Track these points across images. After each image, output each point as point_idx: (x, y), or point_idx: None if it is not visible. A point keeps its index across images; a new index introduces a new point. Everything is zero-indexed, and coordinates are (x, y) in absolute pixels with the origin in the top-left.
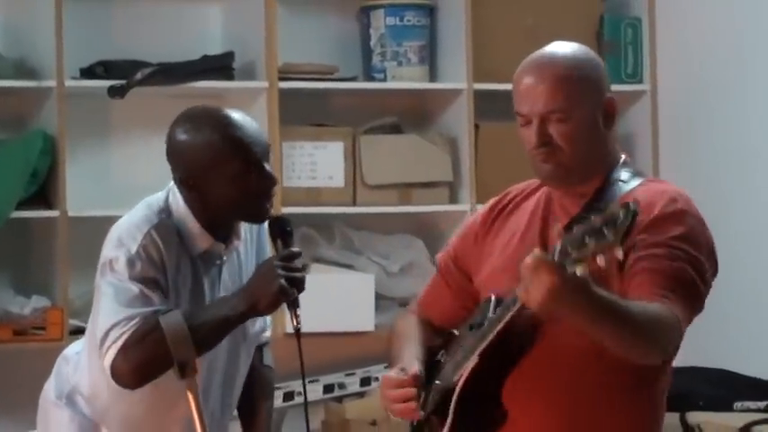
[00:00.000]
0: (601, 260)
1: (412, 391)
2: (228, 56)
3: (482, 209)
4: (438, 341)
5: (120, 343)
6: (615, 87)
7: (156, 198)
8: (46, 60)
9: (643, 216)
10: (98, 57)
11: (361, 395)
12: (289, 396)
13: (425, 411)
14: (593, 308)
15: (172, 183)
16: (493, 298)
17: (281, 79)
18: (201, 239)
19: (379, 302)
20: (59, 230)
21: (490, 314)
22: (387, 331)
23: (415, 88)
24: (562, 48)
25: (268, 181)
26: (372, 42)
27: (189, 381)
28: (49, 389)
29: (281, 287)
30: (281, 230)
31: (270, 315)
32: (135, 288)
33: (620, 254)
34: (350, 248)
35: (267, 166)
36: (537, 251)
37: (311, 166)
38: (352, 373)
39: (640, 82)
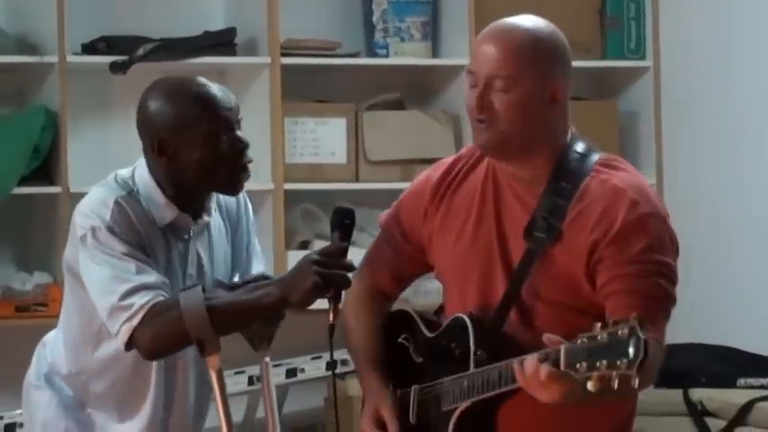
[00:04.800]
0: (614, 383)
1: None
2: (230, 31)
3: (430, 179)
4: (388, 306)
5: (140, 315)
6: (618, 63)
7: (120, 174)
8: (48, 36)
9: (604, 227)
10: (100, 32)
11: None
12: (291, 373)
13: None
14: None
15: (139, 159)
16: (468, 322)
17: (284, 55)
18: (167, 210)
19: None
20: (61, 206)
21: (471, 348)
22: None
23: (417, 64)
24: (528, 20)
25: (239, 143)
26: (375, 18)
27: (211, 359)
28: (30, 373)
29: (314, 284)
30: (339, 222)
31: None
32: (129, 257)
33: (636, 383)
34: None
35: (238, 130)
36: (547, 368)
37: (313, 142)
38: None
39: (643, 58)
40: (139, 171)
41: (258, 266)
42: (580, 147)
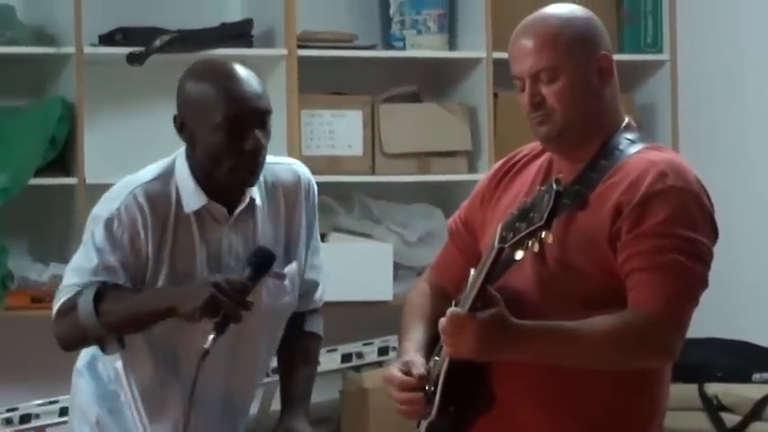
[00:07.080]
0: (533, 245)
1: (419, 396)
2: (247, 23)
3: (493, 170)
4: (448, 305)
5: (55, 308)
6: (635, 57)
7: (170, 157)
8: (64, 27)
9: (630, 194)
10: (117, 23)
11: (379, 364)
12: None
13: (428, 403)
14: (522, 342)
15: None
16: (472, 272)
17: (300, 47)
18: (195, 197)
19: (398, 272)
20: (77, 198)
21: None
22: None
23: (433, 57)
24: (554, 8)
25: (249, 141)
26: (392, 10)
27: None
28: (78, 359)
29: (205, 303)
30: (256, 262)
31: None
32: (96, 258)
33: (549, 238)
34: (369, 217)
35: (257, 131)
36: (450, 309)
37: (330, 134)
38: (371, 343)
39: (660, 51)
40: (181, 154)
41: (314, 259)
42: (631, 134)
